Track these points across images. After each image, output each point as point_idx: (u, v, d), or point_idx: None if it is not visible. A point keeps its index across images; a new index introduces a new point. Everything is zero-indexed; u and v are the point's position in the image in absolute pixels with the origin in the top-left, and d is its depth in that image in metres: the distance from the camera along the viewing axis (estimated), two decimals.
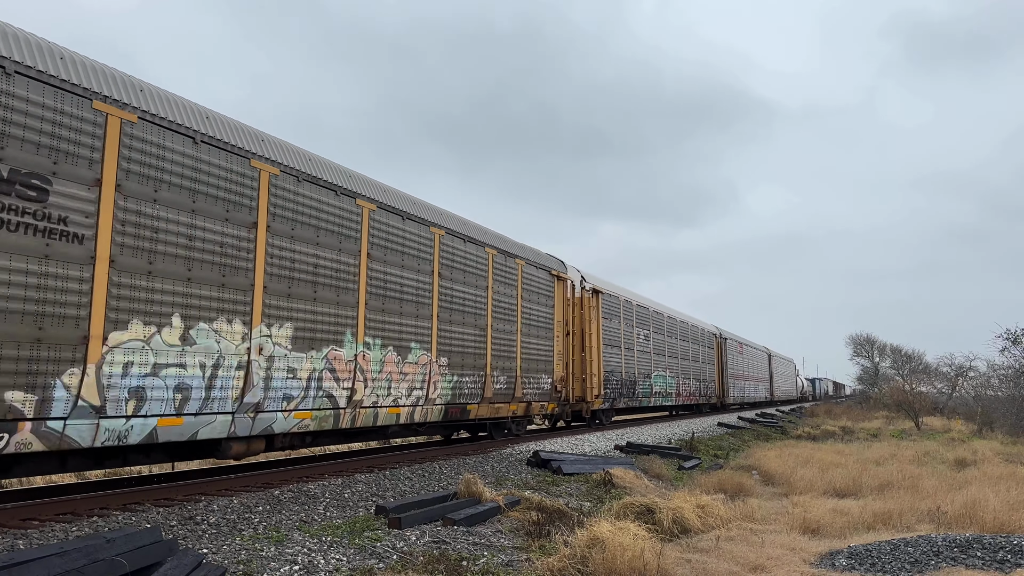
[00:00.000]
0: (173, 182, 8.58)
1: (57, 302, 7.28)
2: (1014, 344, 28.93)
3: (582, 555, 7.03)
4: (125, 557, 5.19)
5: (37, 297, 7.12)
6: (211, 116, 9.37)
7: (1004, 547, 7.72)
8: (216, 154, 9.18)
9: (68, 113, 7.54)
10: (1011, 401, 29.61)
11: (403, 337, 12.61)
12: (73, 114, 7.59)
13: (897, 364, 65.99)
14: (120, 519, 7.51)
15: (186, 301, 8.60)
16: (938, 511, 10.33)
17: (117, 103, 8.03)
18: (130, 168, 8.09)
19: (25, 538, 6.55)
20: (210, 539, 6.95)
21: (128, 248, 8.00)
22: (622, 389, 24.12)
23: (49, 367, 7.16)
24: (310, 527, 7.77)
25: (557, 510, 9.44)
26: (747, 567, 7.42)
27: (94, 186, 7.68)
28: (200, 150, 8.96)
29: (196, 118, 9.05)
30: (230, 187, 9.31)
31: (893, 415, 39.81)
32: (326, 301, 10.81)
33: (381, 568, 6.55)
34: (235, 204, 9.39)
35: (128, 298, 7.97)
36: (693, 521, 9.48)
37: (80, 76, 7.75)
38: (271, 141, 10.28)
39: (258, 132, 10.16)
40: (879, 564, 7.49)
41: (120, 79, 8.26)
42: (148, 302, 8.18)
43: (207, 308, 8.86)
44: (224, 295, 9.10)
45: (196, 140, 8.91)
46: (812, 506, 10.77)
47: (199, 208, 8.86)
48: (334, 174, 11.36)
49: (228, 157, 9.35)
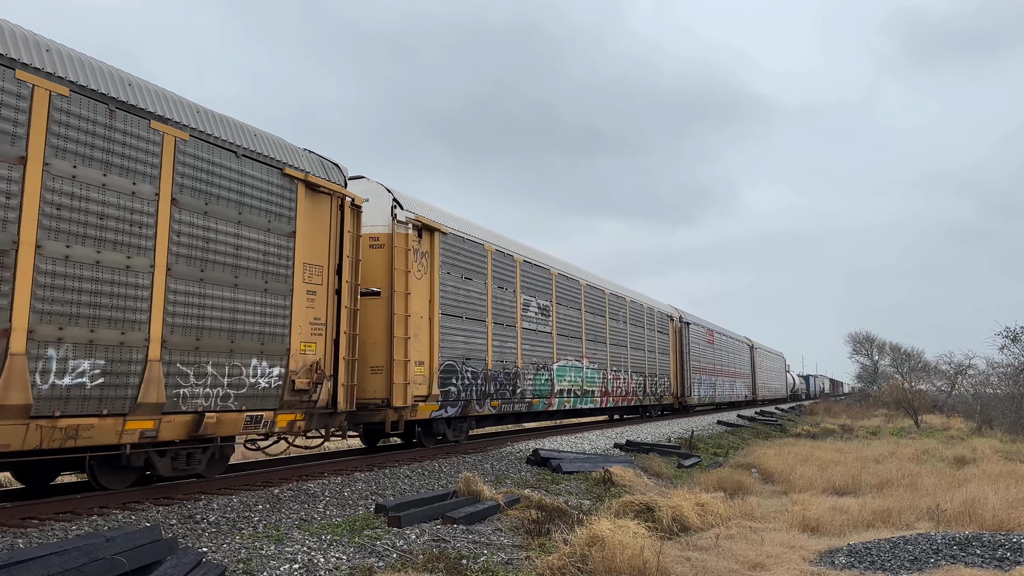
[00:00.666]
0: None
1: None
2: (1013, 342, 28.98)
3: (582, 553, 7.03)
4: (125, 556, 5.19)
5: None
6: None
7: (1003, 545, 7.73)
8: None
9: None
10: (1010, 399, 29.65)
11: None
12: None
13: (896, 362, 66.14)
14: (120, 518, 7.51)
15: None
16: (937, 509, 10.33)
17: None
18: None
19: (25, 537, 6.54)
20: (210, 538, 6.96)
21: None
22: (489, 387, 15.93)
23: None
24: (310, 526, 7.77)
25: (557, 508, 9.45)
26: (747, 565, 7.43)
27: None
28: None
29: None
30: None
31: (892, 413, 39.85)
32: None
33: (381, 567, 6.55)
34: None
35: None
36: (693, 519, 9.49)
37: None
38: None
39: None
40: (879, 562, 7.50)
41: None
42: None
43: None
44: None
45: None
46: (811, 504, 10.77)
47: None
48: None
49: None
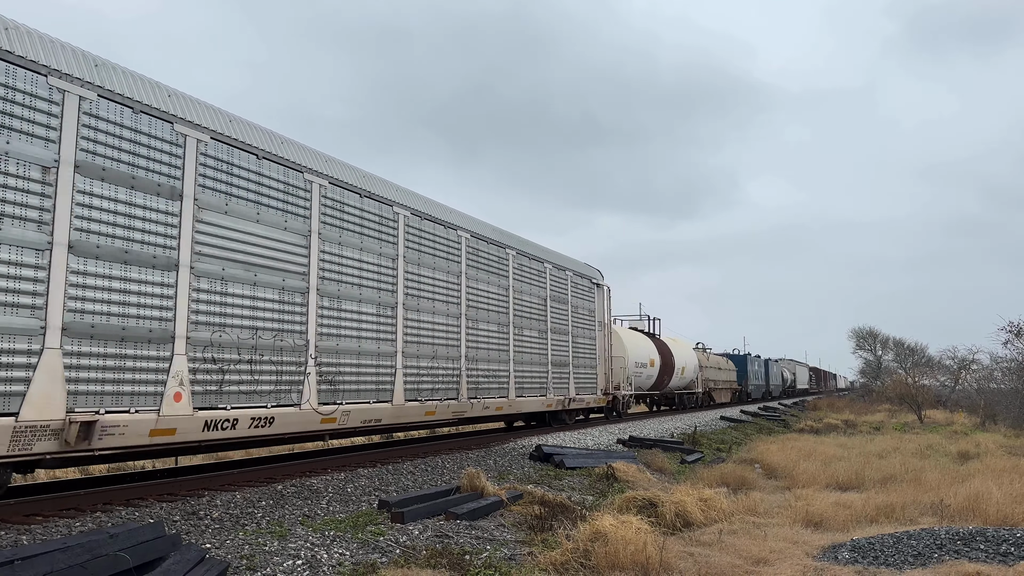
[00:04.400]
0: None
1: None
2: (1017, 337, 28.87)
3: (585, 549, 7.03)
4: (128, 552, 5.19)
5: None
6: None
7: (1007, 540, 7.71)
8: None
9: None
10: (1014, 394, 29.58)
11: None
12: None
13: (900, 357, 65.93)
14: (123, 514, 7.52)
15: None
16: (941, 504, 10.31)
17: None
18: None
19: (29, 533, 6.55)
20: (213, 534, 6.96)
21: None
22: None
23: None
24: (313, 522, 7.78)
25: (560, 504, 9.44)
26: (750, 560, 7.42)
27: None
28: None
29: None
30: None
31: (896, 408, 39.81)
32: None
33: (384, 562, 6.55)
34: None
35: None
36: (696, 515, 9.48)
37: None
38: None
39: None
40: (882, 557, 7.48)
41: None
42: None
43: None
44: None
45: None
46: (815, 499, 10.76)
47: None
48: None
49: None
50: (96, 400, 7.61)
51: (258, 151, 9.82)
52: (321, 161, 11.09)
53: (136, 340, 8.04)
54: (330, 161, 11.36)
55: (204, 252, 8.92)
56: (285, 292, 9.99)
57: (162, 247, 8.41)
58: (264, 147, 9.93)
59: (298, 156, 10.56)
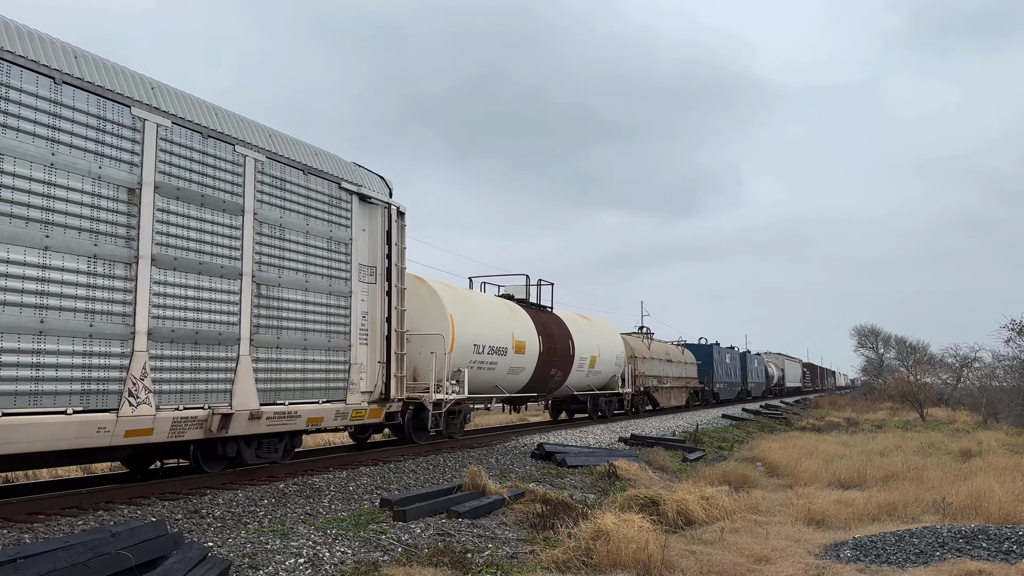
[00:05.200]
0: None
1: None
2: (1019, 335, 28.81)
3: (587, 547, 7.04)
4: (130, 551, 5.20)
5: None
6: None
7: (1009, 538, 7.70)
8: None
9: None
10: (1016, 392, 29.54)
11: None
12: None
13: (902, 355, 65.84)
14: (126, 513, 7.53)
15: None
16: (943, 502, 10.31)
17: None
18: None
19: (31, 532, 6.56)
20: (215, 532, 6.97)
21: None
22: None
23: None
24: (315, 520, 7.79)
25: (561, 502, 9.44)
26: (752, 558, 7.41)
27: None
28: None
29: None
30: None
31: (898, 406, 39.78)
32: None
33: (386, 561, 6.56)
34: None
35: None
36: (697, 513, 9.49)
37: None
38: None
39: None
40: (884, 555, 7.48)
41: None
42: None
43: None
44: None
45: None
46: (816, 497, 10.75)
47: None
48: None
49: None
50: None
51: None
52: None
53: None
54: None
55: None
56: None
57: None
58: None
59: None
